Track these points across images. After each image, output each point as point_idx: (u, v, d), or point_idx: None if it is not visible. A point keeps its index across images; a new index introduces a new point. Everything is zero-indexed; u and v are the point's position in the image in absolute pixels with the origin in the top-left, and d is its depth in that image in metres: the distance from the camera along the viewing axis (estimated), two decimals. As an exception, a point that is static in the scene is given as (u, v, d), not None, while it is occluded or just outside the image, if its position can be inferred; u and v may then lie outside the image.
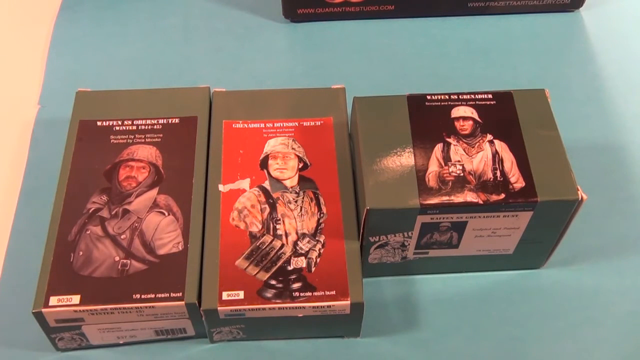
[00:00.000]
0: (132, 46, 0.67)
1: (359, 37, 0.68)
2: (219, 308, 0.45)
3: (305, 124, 0.53)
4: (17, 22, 0.70)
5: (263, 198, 0.49)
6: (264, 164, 0.51)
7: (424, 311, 0.51)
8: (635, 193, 0.58)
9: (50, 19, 0.70)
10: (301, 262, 0.47)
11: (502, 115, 0.50)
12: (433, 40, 0.68)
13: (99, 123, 0.53)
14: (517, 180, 0.47)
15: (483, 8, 0.69)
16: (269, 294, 0.46)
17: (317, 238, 0.48)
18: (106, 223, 0.48)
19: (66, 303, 0.45)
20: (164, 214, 0.49)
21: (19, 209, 0.56)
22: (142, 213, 0.49)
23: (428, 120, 0.50)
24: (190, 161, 0.51)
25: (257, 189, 0.50)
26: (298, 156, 0.51)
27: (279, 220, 0.49)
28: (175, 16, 0.70)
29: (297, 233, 0.48)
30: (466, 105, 0.50)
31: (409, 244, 0.49)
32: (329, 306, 0.46)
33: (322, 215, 0.49)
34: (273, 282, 0.46)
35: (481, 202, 0.46)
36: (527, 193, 0.46)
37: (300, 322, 0.47)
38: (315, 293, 0.46)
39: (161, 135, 0.53)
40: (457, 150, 0.48)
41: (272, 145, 0.52)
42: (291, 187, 0.50)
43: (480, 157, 0.48)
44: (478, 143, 0.49)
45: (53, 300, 0.45)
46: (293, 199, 0.49)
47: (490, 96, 0.51)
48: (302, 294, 0.46)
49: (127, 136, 0.53)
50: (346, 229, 0.48)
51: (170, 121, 0.54)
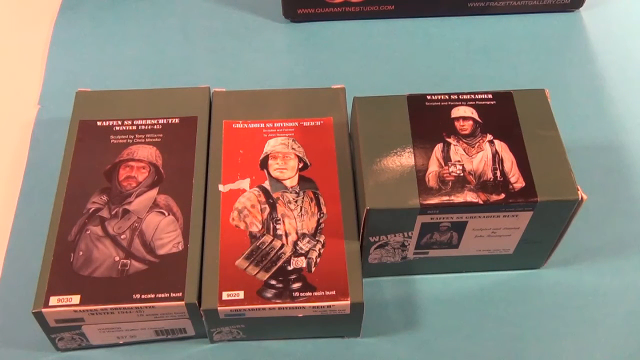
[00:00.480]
0: (132, 46, 0.67)
1: (359, 37, 0.68)
2: (219, 308, 0.45)
3: (305, 124, 0.53)
4: (17, 22, 0.70)
5: (263, 198, 0.49)
6: (264, 164, 0.51)
7: (424, 311, 0.51)
8: (635, 193, 0.58)
9: (50, 19, 0.70)
10: (301, 262, 0.47)
11: (502, 115, 0.50)
12: (433, 40, 0.68)
13: (99, 123, 0.53)
14: (517, 180, 0.47)
15: (483, 8, 0.69)
16: (269, 294, 0.46)
17: (317, 238, 0.48)
18: (106, 223, 0.48)
19: (66, 303, 0.45)
20: (164, 214, 0.49)
21: (19, 209, 0.56)
22: (142, 213, 0.49)
23: (428, 120, 0.50)
24: (190, 161, 0.51)
25: (257, 189, 0.50)
26: (298, 156, 0.51)
27: (279, 220, 0.49)
28: (175, 16, 0.70)
29: (297, 233, 0.48)
30: (466, 105, 0.50)
31: (409, 244, 0.49)
32: (329, 306, 0.46)
33: (322, 215, 0.49)
34: (273, 282, 0.46)
35: (481, 202, 0.46)
36: (527, 193, 0.46)
37: (300, 322, 0.47)
38: (315, 293, 0.46)
39: (161, 135, 0.53)
40: (457, 150, 0.48)
41: (272, 145, 0.52)
42: (291, 187, 0.50)
43: (480, 157, 0.48)
44: (478, 143, 0.48)
45: (53, 300, 0.45)
46: (293, 199, 0.49)
47: (490, 96, 0.51)
48: (302, 294, 0.46)
49: (127, 136, 0.53)
50: (346, 229, 0.48)
51: (170, 121, 0.54)
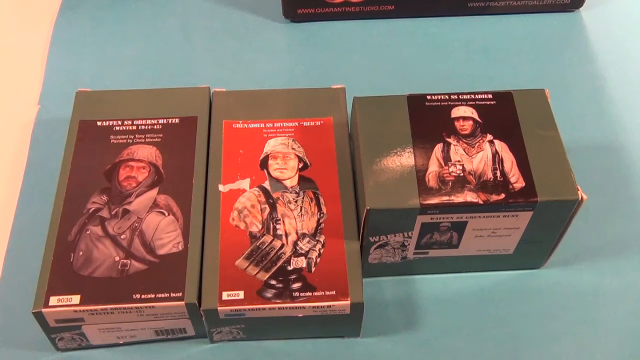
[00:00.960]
0: (132, 46, 0.67)
1: (359, 37, 0.68)
2: (219, 308, 0.45)
3: (305, 124, 0.53)
4: (17, 22, 0.70)
5: (263, 198, 0.49)
6: (264, 164, 0.51)
7: (424, 311, 0.51)
8: (635, 193, 0.58)
9: (50, 19, 0.70)
10: (301, 262, 0.47)
11: (502, 115, 0.50)
12: (433, 40, 0.68)
13: (99, 123, 0.53)
14: (517, 180, 0.47)
15: (483, 8, 0.69)
16: (269, 294, 0.46)
17: (317, 238, 0.48)
18: (106, 223, 0.48)
19: (66, 303, 0.45)
20: (164, 214, 0.49)
21: (19, 209, 0.56)
22: (142, 213, 0.49)
23: (428, 120, 0.50)
24: (190, 161, 0.51)
25: (257, 189, 0.50)
26: (298, 156, 0.51)
27: (279, 220, 0.49)
28: (175, 16, 0.70)
29: (297, 233, 0.48)
30: (466, 105, 0.50)
31: (409, 244, 0.49)
32: (329, 306, 0.46)
33: (322, 215, 0.49)
34: (273, 282, 0.46)
35: (481, 202, 0.46)
36: (527, 193, 0.46)
37: (300, 322, 0.47)
38: (315, 293, 0.46)
39: (161, 135, 0.53)
40: (457, 150, 0.48)
41: (272, 145, 0.52)
42: (291, 187, 0.50)
43: (480, 157, 0.48)
44: (478, 143, 0.48)
45: (53, 300, 0.45)
46: (293, 199, 0.49)
47: (490, 96, 0.51)
48: (302, 294, 0.46)
49: (127, 136, 0.53)
50: (346, 229, 0.48)
51: (170, 121, 0.54)
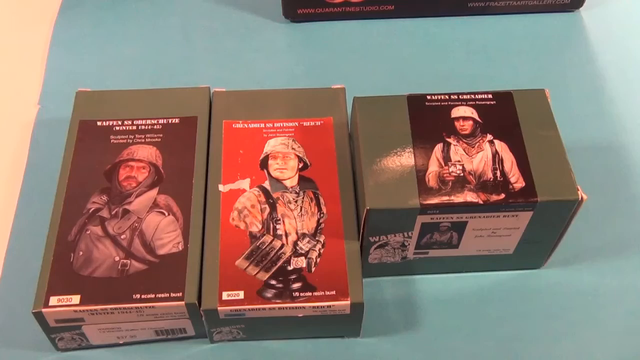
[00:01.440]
0: (132, 46, 0.67)
1: (359, 37, 0.68)
2: (219, 308, 0.45)
3: (305, 124, 0.53)
4: (17, 22, 0.70)
5: (263, 198, 0.49)
6: (264, 164, 0.51)
7: (424, 311, 0.51)
8: (635, 193, 0.58)
9: (50, 19, 0.70)
10: (301, 262, 0.47)
11: (502, 115, 0.50)
12: (433, 40, 0.68)
13: (99, 123, 0.53)
14: (517, 180, 0.47)
15: (483, 8, 0.69)
16: (269, 294, 0.46)
17: (317, 238, 0.48)
18: (106, 223, 0.48)
19: (66, 303, 0.45)
20: (164, 214, 0.49)
21: (19, 209, 0.56)
22: (142, 213, 0.49)
23: (428, 120, 0.50)
24: (190, 161, 0.51)
25: (257, 189, 0.50)
26: (298, 156, 0.51)
27: (279, 220, 0.49)
28: (175, 16, 0.70)
29: (297, 233, 0.48)
30: (466, 105, 0.50)
31: (409, 244, 0.49)
32: (329, 306, 0.46)
33: (322, 215, 0.49)
34: (273, 282, 0.46)
35: (481, 202, 0.46)
36: (527, 193, 0.46)
37: (300, 322, 0.47)
38: (315, 293, 0.46)
39: (161, 135, 0.53)
40: (457, 150, 0.48)
41: (272, 145, 0.52)
42: (291, 187, 0.50)
43: (480, 157, 0.48)
44: (478, 143, 0.48)
45: (53, 300, 0.45)
46: (293, 199, 0.49)
47: (490, 96, 0.51)
48: (302, 294, 0.46)
49: (127, 136, 0.53)
50: (346, 229, 0.48)
51: (170, 121, 0.54)
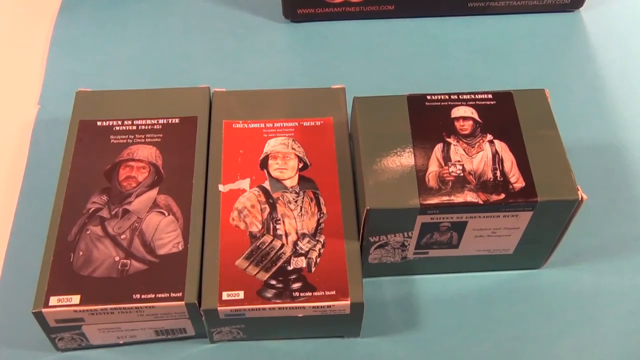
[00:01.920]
0: (132, 46, 0.67)
1: (359, 37, 0.68)
2: (219, 308, 0.45)
3: (305, 124, 0.53)
4: (17, 22, 0.70)
5: (263, 198, 0.49)
6: (264, 164, 0.51)
7: (424, 311, 0.51)
8: (635, 193, 0.58)
9: (50, 19, 0.70)
10: (301, 262, 0.47)
11: (502, 115, 0.50)
12: (433, 40, 0.68)
13: (99, 123, 0.53)
14: (517, 180, 0.47)
15: (483, 8, 0.69)
16: (269, 294, 0.46)
17: (317, 238, 0.48)
18: (106, 223, 0.48)
19: (66, 303, 0.45)
20: (164, 214, 0.49)
21: (19, 209, 0.56)
22: (142, 213, 0.49)
23: (428, 120, 0.50)
24: (190, 161, 0.51)
25: (257, 189, 0.50)
26: (298, 156, 0.51)
27: (279, 220, 0.49)
28: (175, 16, 0.70)
29: (297, 233, 0.48)
30: (466, 105, 0.50)
31: (409, 244, 0.49)
32: (329, 306, 0.46)
33: (322, 215, 0.49)
34: (273, 282, 0.46)
35: (481, 202, 0.46)
36: (527, 193, 0.46)
37: (300, 322, 0.47)
38: (315, 293, 0.46)
39: (161, 135, 0.53)
40: (457, 150, 0.48)
41: (272, 145, 0.52)
42: (291, 187, 0.50)
43: (480, 157, 0.48)
44: (478, 143, 0.48)
45: (53, 300, 0.45)
46: (293, 199, 0.49)
47: (490, 96, 0.51)
48: (302, 294, 0.46)
49: (127, 136, 0.53)
50: (346, 229, 0.48)
51: (170, 121, 0.54)
